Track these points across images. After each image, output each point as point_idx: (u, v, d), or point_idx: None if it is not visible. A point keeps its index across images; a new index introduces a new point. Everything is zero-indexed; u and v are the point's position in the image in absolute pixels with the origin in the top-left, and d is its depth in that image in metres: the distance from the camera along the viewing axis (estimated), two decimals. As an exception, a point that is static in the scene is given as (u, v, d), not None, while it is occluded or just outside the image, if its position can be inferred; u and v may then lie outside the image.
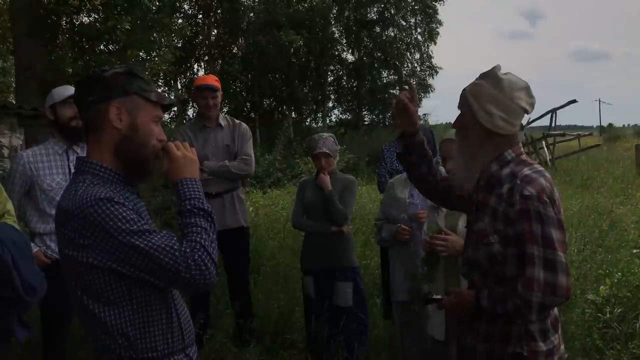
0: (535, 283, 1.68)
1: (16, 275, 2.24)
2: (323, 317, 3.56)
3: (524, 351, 1.77)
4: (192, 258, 1.45)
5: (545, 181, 1.76)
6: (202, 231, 1.51)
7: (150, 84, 1.63)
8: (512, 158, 1.84)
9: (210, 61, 23.35)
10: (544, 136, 17.96)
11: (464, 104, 1.90)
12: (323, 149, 3.68)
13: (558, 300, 1.71)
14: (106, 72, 1.58)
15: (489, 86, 1.84)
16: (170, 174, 1.61)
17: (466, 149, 1.91)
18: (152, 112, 1.61)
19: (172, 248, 1.44)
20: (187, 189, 1.57)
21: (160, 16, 8.70)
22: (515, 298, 1.71)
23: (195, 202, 1.55)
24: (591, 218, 7.58)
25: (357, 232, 6.47)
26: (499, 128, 1.82)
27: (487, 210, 1.82)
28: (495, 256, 1.78)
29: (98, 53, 8.38)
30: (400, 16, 25.28)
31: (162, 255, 1.43)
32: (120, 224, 1.43)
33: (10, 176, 3.16)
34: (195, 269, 1.44)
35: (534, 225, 1.70)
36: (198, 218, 1.53)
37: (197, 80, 4.21)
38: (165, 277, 1.45)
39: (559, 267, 1.68)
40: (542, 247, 1.69)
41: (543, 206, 1.70)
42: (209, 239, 1.51)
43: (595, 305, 4.09)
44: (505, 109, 1.81)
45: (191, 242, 1.48)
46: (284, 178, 13.57)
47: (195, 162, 1.64)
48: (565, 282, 1.69)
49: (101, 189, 1.48)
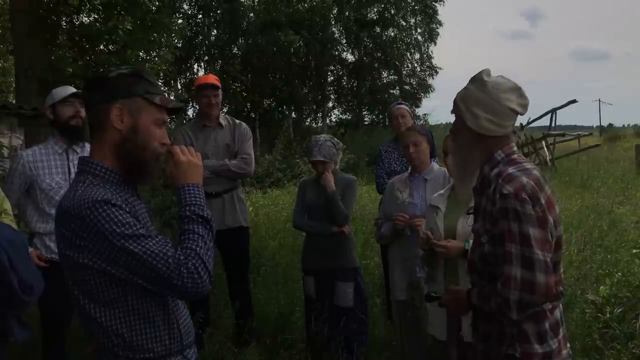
0: (513, 281, 1.68)
1: (13, 275, 2.23)
2: (323, 317, 3.56)
3: (516, 352, 1.77)
4: (185, 266, 1.44)
5: (528, 179, 1.75)
6: (198, 238, 1.50)
7: (157, 87, 1.63)
8: (502, 158, 1.85)
9: (210, 61, 23.36)
10: (544, 136, 17.95)
11: (454, 108, 1.94)
12: (318, 157, 3.65)
13: (537, 298, 1.70)
14: (112, 72, 1.59)
15: (475, 89, 1.87)
16: (173, 178, 1.61)
17: (458, 153, 1.96)
18: (155, 115, 1.60)
19: (166, 255, 1.44)
20: (188, 194, 1.57)
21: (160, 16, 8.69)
22: (496, 297, 1.72)
23: (194, 209, 1.55)
24: (591, 218, 7.58)
25: (357, 232, 6.46)
26: (485, 130, 1.84)
27: (480, 211, 1.86)
28: (487, 256, 1.80)
29: (98, 53, 8.37)
30: (400, 16, 25.27)
31: (155, 261, 1.42)
32: (116, 227, 1.43)
33: (10, 175, 3.16)
34: (188, 277, 1.43)
35: (511, 223, 1.71)
36: (196, 225, 1.53)
37: (198, 79, 4.21)
38: (157, 282, 1.45)
39: (537, 265, 1.68)
40: (520, 245, 1.69)
41: (521, 204, 1.70)
42: (205, 247, 1.50)
43: (595, 305, 4.09)
44: (492, 110, 1.83)
45: (186, 250, 1.47)
46: (284, 178, 13.57)
47: (200, 167, 1.64)
48: (543, 280, 1.68)
49: (100, 191, 1.48)
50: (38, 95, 6.87)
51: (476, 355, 1.89)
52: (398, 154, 4.50)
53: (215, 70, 21.79)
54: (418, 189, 3.32)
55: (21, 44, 7.52)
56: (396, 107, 4.63)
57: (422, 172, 3.34)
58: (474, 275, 1.92)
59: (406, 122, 4.43)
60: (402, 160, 4.44)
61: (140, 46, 8.62)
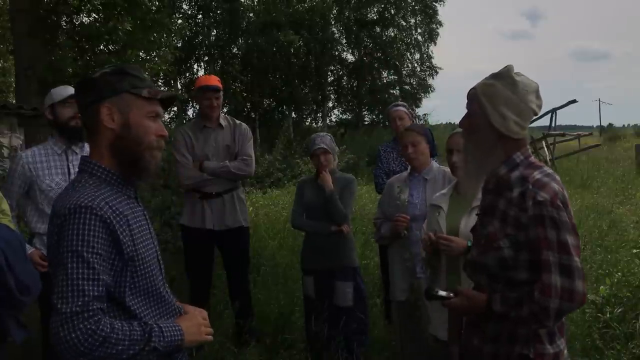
0: (553, 289, 1.66)
1: (10, 275, 2.23)
2: (323, 316, 3.56)
3: (530, 353, 1.76)
4: (84, 323, 1.36)
5: (557, 185, 1.74)
6: (129, 341, 1.40)
7: (143, 80, 1.60)
8: (521, 161, 1.80)
9: (210, 61, 23.37)
10: (544, 136, 17.94)
11: (475, 104, 1.83)
12: (321, 145, 3.67)
13: (575, 306, 1.69)
14: (96, 73, 1.59)
15: (504, 88, 1.79)
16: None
17: (475, 153, 1.85)
18: (145, 109, 1.58)
19: (85, 295, 1.37)
20: (172, 331, 1.52)
21: (160, 16, 8.69)
22: (532, 304, 1.68)
23: (164, 343, 1.48)
24: (591, 218, 7.58)
25: (357, 232, 6.46)
26: (512, 132, 1.78)
27: (496, 213, 1.79)
28: (507, 260, 1.76)
29: (98, 53, 8.38)
30: (400, 16, 25.28)
31: (69, 290, 1.38)
32: (75, 238, 1.41)
33: (9, 176, 3.16)
34: (73, 332, 1.35)
35: (548, 231, 1.68)
36: (149, 344, 1.44)
37: (199, 80, 4.19)
38: (53, 308, 1.39)
39: (576, 273, 1.67)
40: (558, 253, 1.67)
41: (557, 211, 1.68)
42: (119, 349, 1.39)
43: (595, 305, 4.09)
44: (519, 112, 1.77)
45: (108, 326, 1.39)
46: (284, 178, 13.56)
47: (199, 326, 1.63)
48: (581, 288, 1.67)
49: (90, 194, 1.48)
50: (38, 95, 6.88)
51: (482, 357, 1.87)
52: (397, 154, 4.51)
53: (215, 70, 21.80)
54: (417, 188, 3.32)
55: (21, 44, 7.53)
56: (394, 109, 4.64)
57: (422, 171, 3.34)
58: (480, 277, 1.89)
59: (404, 124, 4.45)
60: (400, 161, 4.45)
61: (140, 46, 8.63)
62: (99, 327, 1.37)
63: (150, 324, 1.49)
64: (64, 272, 1.40)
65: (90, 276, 1.40)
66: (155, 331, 1.47)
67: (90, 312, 1.37)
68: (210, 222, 3.98)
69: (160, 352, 1.47)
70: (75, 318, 1.36)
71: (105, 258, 1.45)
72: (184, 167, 3.99)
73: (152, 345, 1.44)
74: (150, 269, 1.57)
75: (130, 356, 1.41)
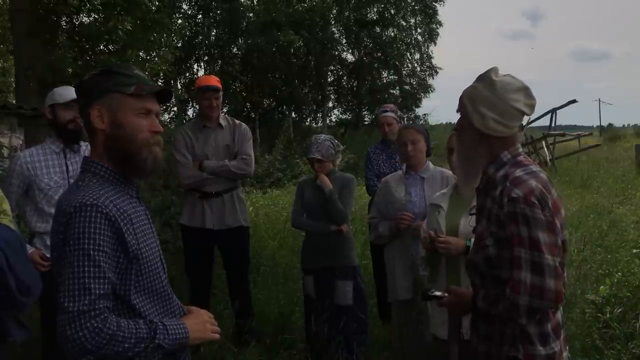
0: (522, 286, 1.67)
1: (10, 276, 2.22)
2: (323, 316, 3.56)
3: (519, 354, 1.76)
4: (90, 321, 1.36)
5: (537, 182, 1.74)
6: (135, 339, 1.42)
7: (131, 77, 1.59)
8: (508, 160, 1.83)
9: (210, 61, 23.36)
10: (544, 136, 17.94)
11: (460, 107, 1.91)
12: (315, 155, 3.66)
13: (547, 304, 1.69)
14: (85, 76, 1.60)
15: (483, 88, 1.84)
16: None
17: (462, 152, 1.93)
18: (135, 105, 1.57)
19: (92, 294, 1.38)
20: (177, 329, 1.53)
21: (160, 16, 8.69)
22: (505, 300, 1.71)
23: (169, 341, 1.48)
24: (591, 218, 7.58)
25: (357, 232, 6.46)
26: (491, 130, 1.81)
27: (484, 212, 1.83)
28: (492, 259, 1.78)
29: (98, 53, 8.38)
30: (400, 16, 25.27)
31: (75, 288, 1.38)
32: (82, 236, 1.41)
33: (8, 176, 3.16)
34: (80, 331, 1.35)
35: (521, 227, 1.69)
36: (154, 342, 1.45)
37: (199, 80, 4.18)
38: (59, 305, 1.40)
39: (547, 271, 1.66)
40: (530, 250, 1.67)
41: (530, 208, 1.68)
42: (123, 346, 1.40)
43: (595, 305, 4.09)
44: (499, 111, 1.80)
45: (115, 324, 1.40)
46: (284, 178, 13.57)
47: (205, 324, 1.64)
48: (553, 286, 1.67)
49: (95, 192, 1.49)
50: (38, 95, 6.88)
51: (477, 356, 1.89)
52: (386, 156, 4.54)
53: (215, 70, 21.79)
54: (415, 187, 3.31)
55: (21, 44, 7.53)
56: (382, 114, 4.68)
57: (418, 170, 3.33)
58: (475, 277, 1.91)
59: (392, 130, 4.49)
60: (390, 162, 4.48)
61: (140, 46, 8.63)
62: (106, 325, 1.38)
63: (155, 321, 1.49)
64: (70, 270, 1.40)
65: (96, 274, 1.41)
66: (160, 329, 1.47)
67: (97, 311, 1.38)
68: (210, 221, 3.98)
69: (165, 349, 1.47)
70: (82, 316, 1.37)
71: (111, 256, 1.45)
72: (183, 167, 3.99)
73: (156, 342, 1.45)
74: (154, 268, 1.58)
75: (136, 354, 1.42)
